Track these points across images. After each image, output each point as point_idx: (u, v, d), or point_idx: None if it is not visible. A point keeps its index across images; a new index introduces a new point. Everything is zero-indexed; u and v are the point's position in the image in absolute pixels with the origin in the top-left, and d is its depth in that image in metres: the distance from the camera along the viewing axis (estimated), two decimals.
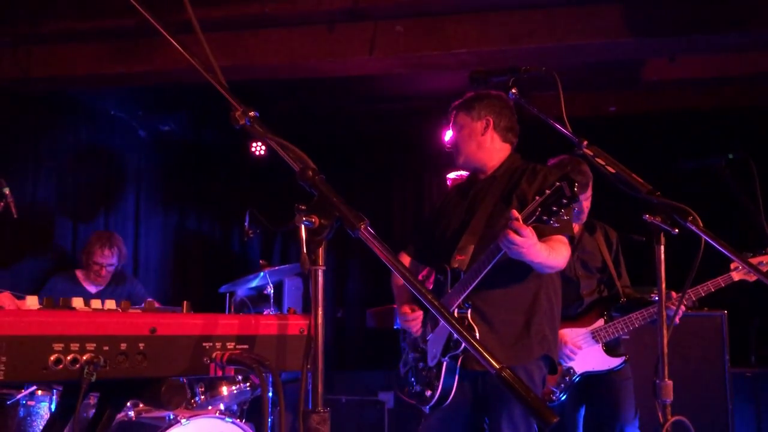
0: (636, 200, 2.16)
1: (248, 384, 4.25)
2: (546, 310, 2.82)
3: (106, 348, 1.21)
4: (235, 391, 4.16)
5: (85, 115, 6.23)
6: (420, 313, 2.93)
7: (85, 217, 6.09)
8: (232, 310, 5.12)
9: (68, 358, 1.17)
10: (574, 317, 3.50)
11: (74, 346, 1.18)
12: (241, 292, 5.26)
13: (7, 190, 3.94)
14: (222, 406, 4.07)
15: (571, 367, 3.45)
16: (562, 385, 3.44)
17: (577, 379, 3.46)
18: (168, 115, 6.80)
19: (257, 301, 5.41)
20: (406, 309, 2.97)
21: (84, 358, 1.18)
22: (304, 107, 6.31)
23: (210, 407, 4.00)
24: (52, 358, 1.16)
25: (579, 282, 3.57)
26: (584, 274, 3.60)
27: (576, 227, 3.59)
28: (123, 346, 1.22)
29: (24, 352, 1.13)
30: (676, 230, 2.03)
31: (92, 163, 6.20)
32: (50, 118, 5.83)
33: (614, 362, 3.49)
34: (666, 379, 2.05)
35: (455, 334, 1.21)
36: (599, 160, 2.23)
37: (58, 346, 1.16)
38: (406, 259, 3.20)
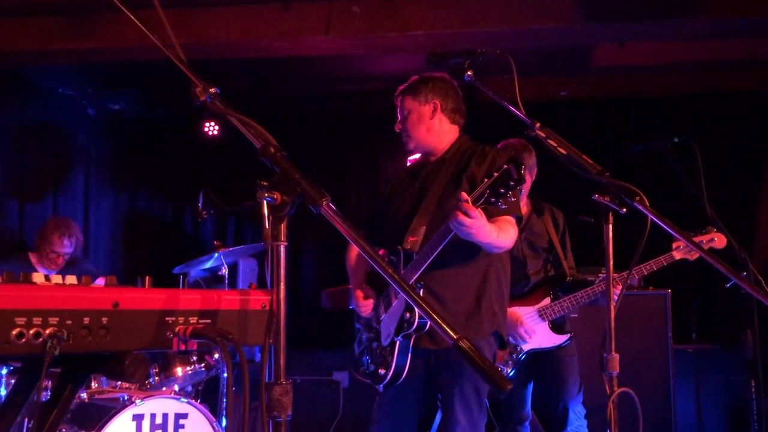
0: (585, 182, 2.23)
1: (203, 365, 4.24)
2: (495, 288, 2.89)
3: (69, 322, 1.21)
4: (189, 372, 4.14)
5: (33, 93, 6.05)
6: (371, 301, 2.98)
7: (33, 198, 5.94)
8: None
9: (31, 332, 1.17)
10: (521, 296, 3.60)
11: (37, 320, 1.18)
12: (195, 273, 5.21)
13: None
14: (177, 387, 4.06)
15: (518, 344, 3.55)
16: (510, 362, 3.54)
17: (524, 356, 3.56)
18: (118, 93, 6.65)
19: (211, 282, 5.38)
20: (359, 293, 3.01)
21: (47, 332, 1.18)
22: (259, 86, 6.25)
23: (164, 388, 3.98)
24: (14, 332, 1.16)
25: (526, 262, 3.67)
26: (531, 254, 3.69)
27: (524, 209, 3.68)
28: (86, 320, 1.23)
29: None
30: (624, 209, 2.11)
31: (40, 142, 6.04)
32: None
33: (560, 339, 3.60)
34: (613, 353, 2.14)
35: (415, 306, 1.25)
36: (551, 142, 2.29)
37: (20, 320, 1.16)
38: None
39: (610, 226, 2.19)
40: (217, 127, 6.88)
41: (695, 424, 5.19)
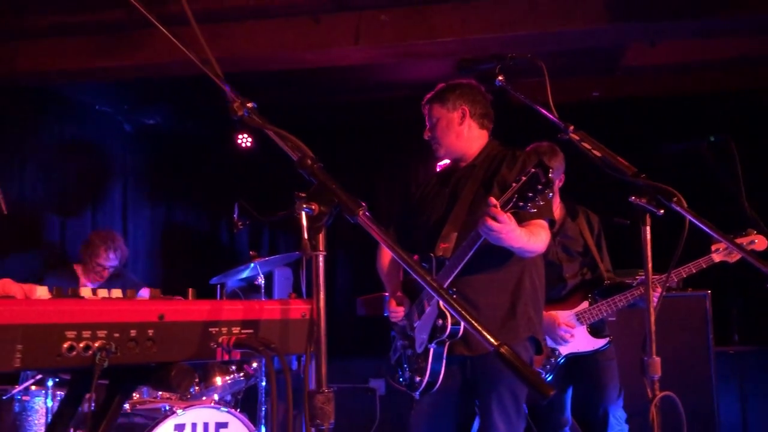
0: (619, 184, 2.21)
1: (242, 374, 4.30)
2: (530, 292, 2.88)
3: (116, 335, 1.24)
4: (229, 381, 4.20)
5: (71, 110, 6.21)
6: (402, 308, 2.99)
7: (73, 212, 6.09)
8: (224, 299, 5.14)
9: (81, 345, 1.20)
10: (558, 300, 3.57)
11: (86, 334, 1.21)
12: (232, 283, 5.28)
13: None
14: (216, 396, 4.12)
15: (556, 349, 3.52)
16: (548, 366, 3.51)
17: (562, 360, 3.53)
18: (153, 108, 6.79)
19: (248, 291, 5.44)
20: (392, 300, 3.03)
21: (96, 344, 1.21)
22: (289, 98, 6.32)
23: (204, 398, 4.04)
24: (65, 345, 1.19)
25: (562, 265, 3.65)
26: (566, 258, 3.67)
27: (558, 212, 3.66)
28: (133, 332, 1.26)
29: (38, 340, 1.16)
30: (662, 211, 2.09)
31: (78, 158, 6.18)
32: (36, 113, 5.80)
33: (599, 343, 3.57)
34: (654, 356, 2.12)
35: (454, 313, 1.26)
36: (585, 145, 2.28)
37: (70, 334, 1.20)
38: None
39: (648, 229, 2.16)
40: (250, 139, 6.96)
41: (740, 427, 5.09)
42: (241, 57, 4.82)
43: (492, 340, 1.18)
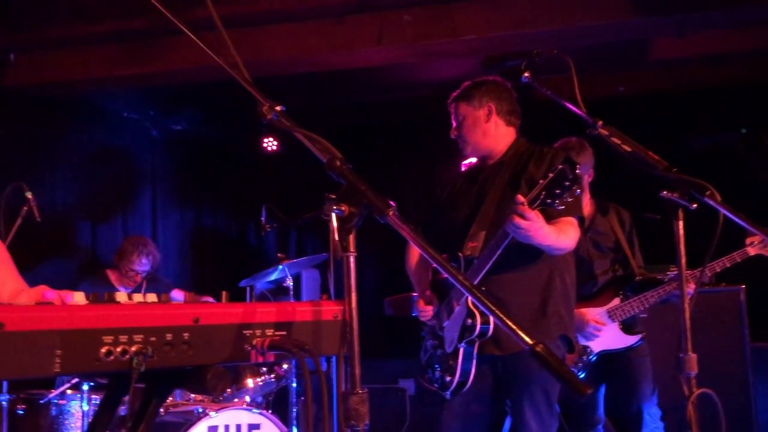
0: (650, 179, 2.18)
1: (273, 375, 4.32)
2: (560, 290, 2.85)
3: (152, 339, 1.25)
4: (260, 383, 4.23)
5: (99, 117, 6.30)
6: (431, 307, 2.98)
7: (104, 218, 6.18)
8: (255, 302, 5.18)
9: (118, 349, 1.22)
10: (589, 297, 3.54)
11: (123, 338, 1.22)
12: (261, 285, 5.32)
13: (29, 195, 4.00)
14: (248, 398, 4.14)
15: (587, 346, 3.49)
16: (580, 365, 3.48)
17: (594, 358, 3.50)
18: (179, 114, 6.86)
19: (277, 293, 5.48)
20: (420, 301, 3.02)
21: (133, 349, 1.23)
22: (314, 100, 6.34)
23: (236, 400, 4.07)
24: (103, 350, 1.21)
25: (593, 262, 3.61)
26: (597, 254, 3.63)
27: (588, 209, 3.63)
28: (168, 336, 1.27)
29: (77, 345, 1.18)
30: (695, 205, 2.06)
31: (108, 165, 6.27)
32: (65, 121, 5.90)
33: (631, 340, 3.52)
34: (690, 353, 2.08)
35: (488, 312, 1.25)
36: (615, 139, 2.25)
37: (108, 339, 1.21)
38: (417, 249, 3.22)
39: (681, 223, 2.13)
40: (275, 143, 7.01)
41: None
42: (265, 60, 4.85)
43: (527, 338, 1.17)
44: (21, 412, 3.78)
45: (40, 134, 5.61)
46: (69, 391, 3.74)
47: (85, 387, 3.61)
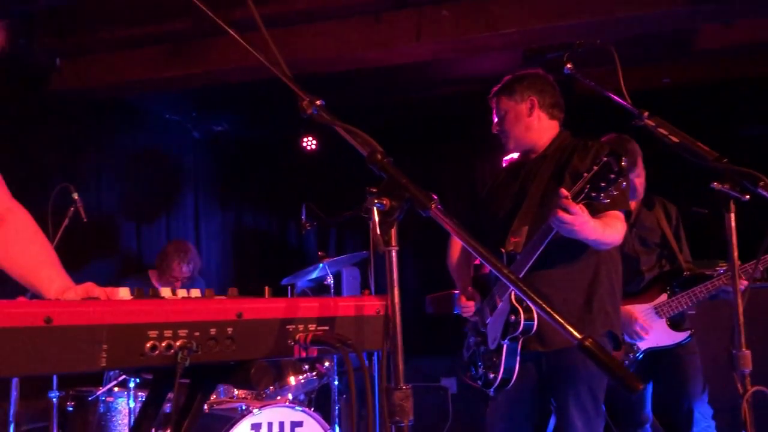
0: (697, 171, 2.12)
1: (314, 373, 4.34)
2: (606, 286, 2.80)
3: (197, 334, 1.26)
4: (302, 381, 4.24)
5: (142, 120, 6.42)
6: (473, 303, 2.95)
7: (148, 219, 6.29)
8: None
9: (163, 344, 1.22)
10: (635, 293, 3.46)
11: (167, 333, 1.23)
12: (302, 283, 5.35)
13: (75, 196, 4.09)
14: (290, 396, 4.16)
15: (634, 344, 3.42)
16: (626, 362, 3.41)
17: (641, 355, 3.43)
18: (220, 115, 6.95)
19: (318, 291, 5.50)
20: (462, 297, 3.00)
21: (177, 344, 1.23)
22: (353, 98, 6.35)
23: (279, 397, 4.10)
24: (148, 344, 1.21)
25: (639, 258, 3.54)
26: (643, 250, 3.56)
27: (633, 204, 3.55)
28: (213, 331, 1.27)
29: (122, 339, 1.19)
30: (747, 196, 1.99)
31: (151, 166, 6.39)
32: (110, 124, 6.03)
33: (679, 337, 3.44)
34: (743, 349, 2.02)
35: (534, 306, 1.22)
36: (661, 130, 2.20)
37: (152, 333, 1.22)
38: (458, 244, 3.20)
39: (732, 215, 2.06)
40: (314, 142, 7.04)
41: None
42: (304, 59, 4.87)
43: (575, 333, 1.14)
44: (70, 408, 3.87)
45: (86, 137, 5.73)
46: (116, 389, 3.81)
47: (132, 384, 3.67)
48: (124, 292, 1.32)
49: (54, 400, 3.81)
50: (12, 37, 1.61)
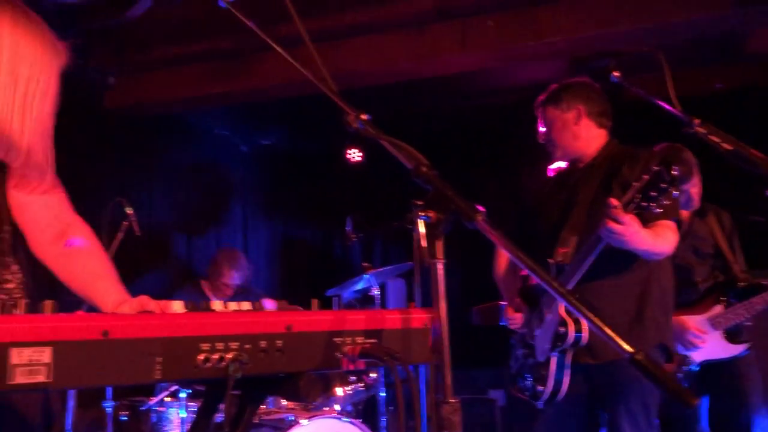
0: (752, 179, 2.06)
1: (362, 384, 4.34)
2: (658, 297, 2.74)
3: (247, 346, 1.28)
4: (349, 392, 4.25)
5: (192, 135, 6.57)
6: (520, 314, 2.92)
7: (198, 231, 6.42)
8: None
9: (215, 356, 1.25)
10: (689, 305, 3.38)
11: (219, 346, 1.25)
12: (347, 294, 5.37)
13: (129, 210, 4.20)
14: (338, 407, 4.18)
15: (688, 356, 3.33)
16: (680, 375, 3.33)
17: (696, 368, 3.34)
18: (267, 128, 7.06)
19: (363, 303, 5.51)
20: (509, 309, 2.97)
21: (229, 356, 1.25)
22: (399, 109, 6.38)
23: (326, 408, 4.11)
24: (200, 357, 1.24)
25: (692, 268, 3.46)
26: (696, 260, 3.47)
27: (685, 214, 3.47)
28: (263, 343, 1.29)
29: (176, 352, 1.22)
30: None
31: (201, 180, 6.52)
32: (161, 139, 6.18)
33: (737, 349, 3.35)
34: None
35: (584, 318, 1.21)
36: (713, 138, 2.14)
37: (205, 346, 1.24)
38: (505, 255, 3.18)
39: None
40: (359, 154, 7.10)
41: None
42: (349, 72, 4.91)
43: (626, 346, 1.12)
44: (124, 418, 3.97)
45: (138, 152, 5.89)
46: (168, 399, 3.88)
47: (183, 395, 3.74)
48: (177, 306, 1.35)
49: (108, 409, 3.91)
50: (73, 57, 1.68)
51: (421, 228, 1.42)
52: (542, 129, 3.00)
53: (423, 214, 1.40)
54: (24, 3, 1.63)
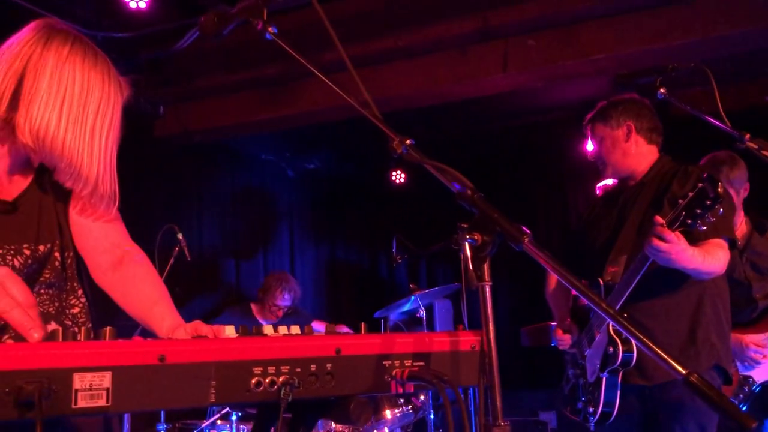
0: None
1: (410, 407, 4.33)
2: (711, 317, 2.67)
3: (298, 370, 1.29)
4: (398, 414, 4.25)
5: (239, 161, 6.71)
6: (568, 336, 2.88)
7: (246, 255, 6.52)
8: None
9: (267, 380, 1.26)
10: (748, 323, 3.29)
11: (271, 369, 1.27)
12: (394, 316, 5.37)
13: (180, 236, 4.31)
14: (387, 430, 4.17)
15: (749, 376, 3.23)
16: (741, 396, 3.23)
17: (758, 388, 3.23)
18: (312, 153, 7.16)
19: (410, 324, 5.51)
20: (558, 330, 2.94)
21: (280, 380, 1.27)
22: (443, 131, 6.40)
23: (376, 430, 4.11)
24: (252, 381, 1.26)
25: (751, 285, 3.36)
26: (756, 276, 3.38)
27: (743, 227, 3.39)
28: (313, 367, 1.31)
29: (229, 376, 1.24)
30: None
31: (248, 205, 6.64)
32: (209, 166, 6.33)
33: None
34: None
35: (633, 338, 1.20)
36: (766, 153, 2.10)
37: (257, 370, 1.26)
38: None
39: None
40: (403, 176, 7.14)
41: None
42: (393, 96, 4.97)
43: (679, 368, 1.10)
44: None
45: (187, 179, 6.04)
46: (219, 422, 3.93)
47: (234, 417, 3.79)
48: (229, 330, 1.38)
49: None
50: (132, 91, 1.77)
51: (468, 251, 1.42)
52: (592, 147, 2.98)
53: (469, 237, 1.41)
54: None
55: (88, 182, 1.66)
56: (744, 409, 3.23)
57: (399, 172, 7.17)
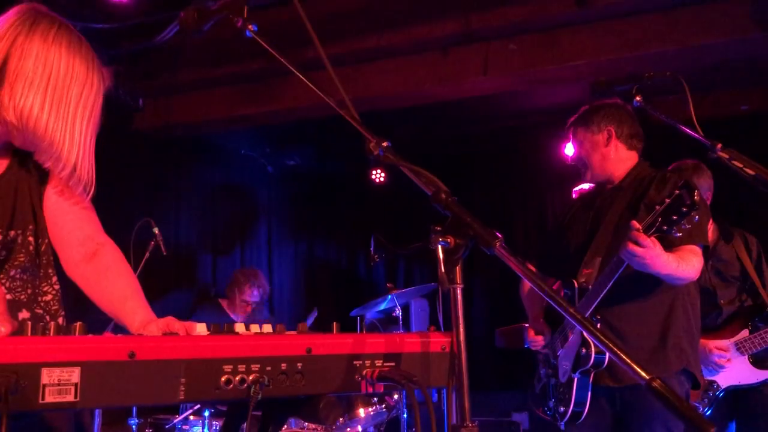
0: None
1: (384, 405, 4.35)
2: (683, 322, 2.71)
3: (268, 368, 1.30)
4: (372, 413, 4.26)
5: (219, 156, 6.67)
6: (541, 337, 2.91)
7: (223, 251, 6.49)
8: (364, 332, 5.26)
9: (237, 378, 1.27)
10: (714, 328, 3.35)
11: (241, 368, 1.28)
12: (371, 315, 5.39)
13: (156, 230, 4.28)
14: (360, 428, 4.18)
15: (714, 381, 3.29)
16: (706, 400, 3.29)
17: (722, 393, 3.29)
18: (293, 150, 7.15)
19: (386, 323, 5.53)
20: (530, 330, 2.96)
21: (250, 378, 1.28)
22: (422, 131, 6.42)
23: (348, 429, 4.12)
24: (222, 379, 1.26)
25: (715, 291, 3.42)
26: (720, 283, 3.44)
27: (710, 235, 3.44)
28: (283, 366, 1.32)
29: (199, 373, 1.24)
30: None
31: (227, 200, 6.61)
32: (188, 160, 6.29)
33: (763, 375, 3.30)
34: None
35: (597, 342, 1.22)
36: (736, 163, 2.14)
37: (227, 368, 1.27)
38: None
39: None
40: (383, 175, 7.15)
41: None
42: (374, 95, 4.97)
43: (642, 373, 1.13)
44: None
45: (166, 173, 5.99)
46: (191, 417, 3.92)
47: (206, 413, 3.78)
48: (201, 328, 1.39)
49: (133, 427, 3.96)
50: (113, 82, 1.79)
51: (440, 253, 1.43)
52: (572, 150, 3.00)
53: (442, 239, 1.42)
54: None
55: (67, 164, 1.67)
56: (708, 413, 3.28)
57: (379, 171, 7.19)
